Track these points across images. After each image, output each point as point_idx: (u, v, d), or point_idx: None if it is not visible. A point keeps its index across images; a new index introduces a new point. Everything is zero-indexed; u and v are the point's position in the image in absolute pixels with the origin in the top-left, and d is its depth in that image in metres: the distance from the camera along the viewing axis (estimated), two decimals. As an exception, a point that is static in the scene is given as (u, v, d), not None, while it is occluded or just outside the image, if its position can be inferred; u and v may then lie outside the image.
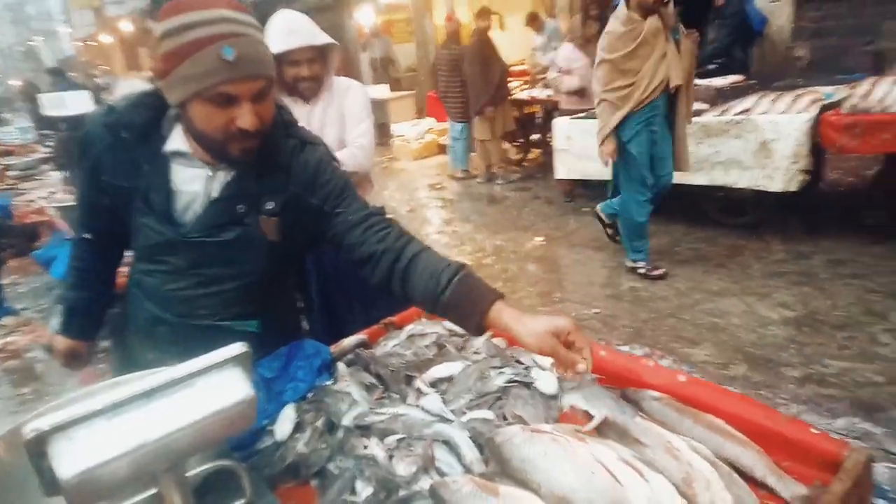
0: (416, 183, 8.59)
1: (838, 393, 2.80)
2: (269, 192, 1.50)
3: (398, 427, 1.43)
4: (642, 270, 4.34)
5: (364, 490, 1.24)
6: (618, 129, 3.97)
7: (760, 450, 1.21)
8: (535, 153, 8.82)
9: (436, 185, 8.27)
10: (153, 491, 0.89)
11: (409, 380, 1.62)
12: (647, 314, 3.85)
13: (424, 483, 1.25)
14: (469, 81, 7.25)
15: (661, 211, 5.47)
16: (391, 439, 1.39)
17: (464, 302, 1.37)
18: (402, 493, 1.22)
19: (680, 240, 4.97)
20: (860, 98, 4.18)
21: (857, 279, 3.92)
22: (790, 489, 1.13)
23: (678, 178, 4.94)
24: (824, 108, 4.37)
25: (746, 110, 4.71)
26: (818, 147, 4.49)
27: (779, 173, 4.48)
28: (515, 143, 8.69)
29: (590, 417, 1.30)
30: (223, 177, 1.48)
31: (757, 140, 4.51)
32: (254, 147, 1.39)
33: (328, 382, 1.61)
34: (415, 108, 11.81)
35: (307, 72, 2.45)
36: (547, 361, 1.60)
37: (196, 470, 1.00)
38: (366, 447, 1.38)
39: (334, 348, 1.76)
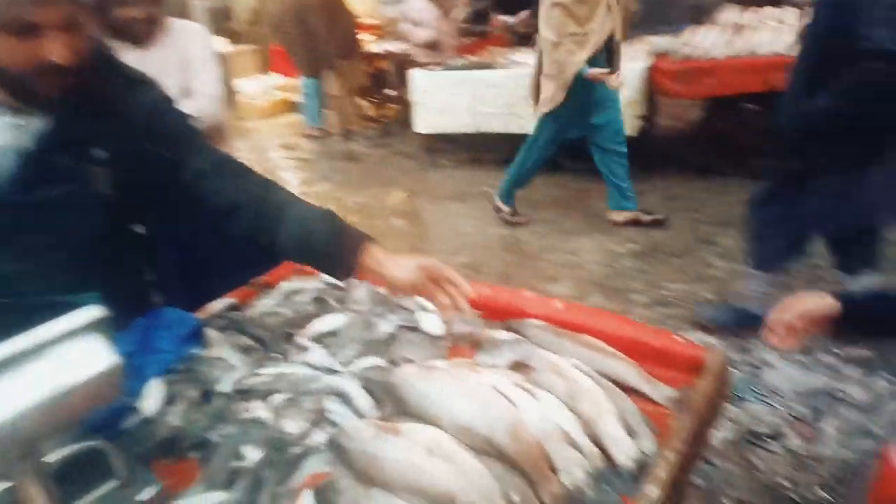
0: (268, 143, 8.15)
1: (680, 312, 3.13)
2: (97, 139, 1.30)
3: (283, 386, 1.35)
4: (508, 218, 4.46)
5: (253, 454, 1.17)
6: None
7: (633, 362, 1.31)
8: (391, 108, 8.70)
9: (289, 144, 7.90)
10: (7, 484, 0.76)
11: (289, 338, 1.55)
12: (512, 258, 4.02)
13: (318, 437, 1.21)
14: (317, 34, 6.93)
15: (511, 160, 5.70)
16: (277, 399, 1.31)
17: (336, 247, 1.32)
18: (295, 450, 1.17)
19: (535, 186, 5.20)
20: (686, 46, 4.57)
21: (689, 212, 4.38)
22: (662, 393, 1.24)
23: (531, 127, 5.15)
24: (656, 57, 4.73)
25: (587, 60, 4.98)
26: (651, 94, 4.87)
27: (618, 120, 4.80)
28: (371, 99, 8.51)
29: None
30: (37, 124, 1.25)
31: (598, 88, 4.80)
32: (68, 85, 1.19)
33: (198, 350, 1.49)
34: (258, 63, 11.11)
35: (141, 12, 2.17)
36: (432, 304, 1.60)
37: (56, 455, 0.88)
38: (249, 411, 1.31)
39: (201, 314, 1.63)
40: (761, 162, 4.57)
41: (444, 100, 5.53)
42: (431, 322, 1.51)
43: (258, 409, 1.29)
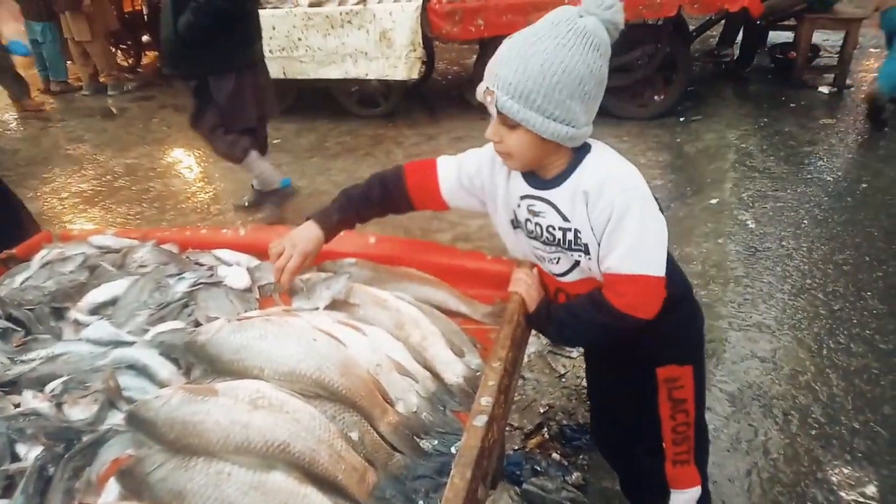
0: (-5, 102, 6.78)
1: (481, 243, 3.29)
2: None
3: (59, 369, 1.15)
4: None
5: (31, 451, 0.98)
6: None
7: (449, 286, 1.33)
8: (150, 56, 7.72)
9: (25, 102, 6.64)
10: None
11: (59, 314, 1.30)
12: (312, 212, 3.87)
13: (115, 418, 1.04)
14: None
15: (303, 110, 5.46)
16: (54, 385, 1.10)
17: None
18: (87, 438, 1.00)
19: (327, 135, 5.05)
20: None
21: (475, 151, 4.59)
22: (479, 311, 1.28)
23: (314, 73, 4.93)
24: (427, -1, 4.78)
25: (362, 0, 4.86)
26: (428, 37, 4.94)
27: (401, 62, 4.81)
28: (122, 46, 7.44)
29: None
30: None
31: (377, 30, 4.73)
32: None
33: (-69, 345, 1.19)
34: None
35: None
36: (233, 256, 1.46)
37: None
38: (18, 405, 1.08)
39: (-73, 302, 1.29)
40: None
41: (214, 44, 5.01)
42: (236, 275, 1.37)
43: (30, 400, 1.07)
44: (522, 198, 1.16)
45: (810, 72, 5.12)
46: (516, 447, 1.95)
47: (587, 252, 1.10)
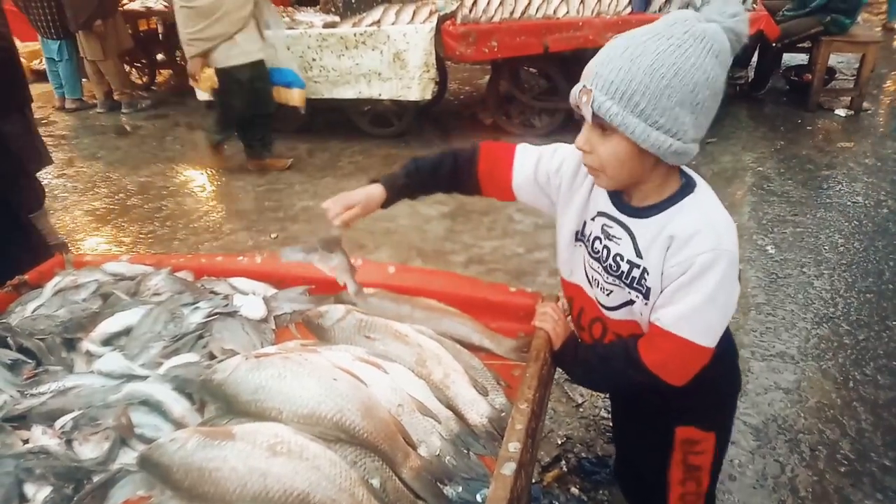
0: (12, 120, 6.82)
1: (495, 266, 3.26)
2: None
3: (71, 403, 1.11)
4: None
5: (39, 492, 0.94)
6: None
7: (472, 318, 1.29)
8: (164, 74, 7.78)
9: (40, 120, 6.69)
10: None
11: (71, 344, 1.27)
12: (326, 230, 3.85)
13: (127, 458, 1.00)
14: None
15: (316, 130, 5.47)
16: (64, 420, 1.07)
17: None
18: (97, 478, 0.96)
19: (339, 155, 5.04)
20: (468, 9, 4.70)
21: (487, 171, 4.56)
22: (503, 346, 1.24)
23: (328, 92, 4.94)
24: (441, 20, 4.80)
25: (377, 22, 4.88)
26: (441, 58, 4.95)
27: (414, 83, 4.82)
28: (137, 64, 7.50)
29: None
30: None
31: (391, 51, 4.74)
32: None
33: (-60, 376, 1.16)
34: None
35: None
36: (249, 285, 1.43)
37: None
38: (27, 441, 1.05)
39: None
40: (543, 120, 4.97)
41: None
42: (251, 305, 1.34)
43: (39, 437, 1.04)
44: (600, 214, 1.06)
45: (826, 94, 5.08)
46: (534, 481, 1.89)
47: (647, 297, 1.01)
